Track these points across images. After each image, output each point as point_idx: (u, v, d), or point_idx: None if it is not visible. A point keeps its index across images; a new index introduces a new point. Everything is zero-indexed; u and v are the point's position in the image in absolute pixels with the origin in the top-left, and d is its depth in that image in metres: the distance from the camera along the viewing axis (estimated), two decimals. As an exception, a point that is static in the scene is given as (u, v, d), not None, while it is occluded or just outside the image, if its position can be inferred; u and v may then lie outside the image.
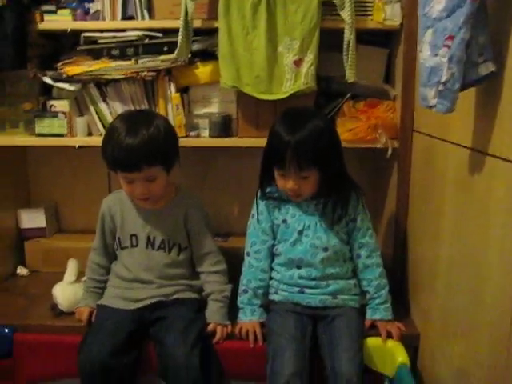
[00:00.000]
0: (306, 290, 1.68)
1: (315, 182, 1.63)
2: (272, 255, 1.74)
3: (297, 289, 1.69)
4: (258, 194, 1.74)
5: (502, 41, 1.13)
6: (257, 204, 1.74)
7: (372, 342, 1.65)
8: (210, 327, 1.68)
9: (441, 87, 1.18)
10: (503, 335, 1.13)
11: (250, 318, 1.71)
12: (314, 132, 1.57)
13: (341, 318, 1.64)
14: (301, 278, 1.68)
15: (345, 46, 1.79)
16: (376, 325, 1.68)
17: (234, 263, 1.81)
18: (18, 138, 2.04)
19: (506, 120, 1.12)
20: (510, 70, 1.11)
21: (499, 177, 1.15)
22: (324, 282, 1.68)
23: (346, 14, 1.76)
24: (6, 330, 1.75)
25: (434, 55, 1.20)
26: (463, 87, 1.17)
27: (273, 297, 1.73)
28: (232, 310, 1.75)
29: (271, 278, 1.74)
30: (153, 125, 1.64)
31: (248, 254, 1.75)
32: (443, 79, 1.16)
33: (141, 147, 1.59)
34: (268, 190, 1.72)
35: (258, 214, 1.73)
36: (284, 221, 1.70)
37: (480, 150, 1.24)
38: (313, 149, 1.56)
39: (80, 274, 1.87)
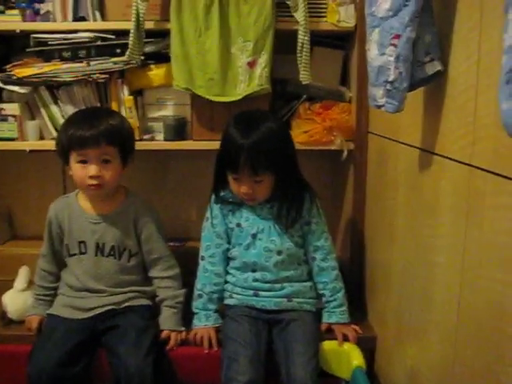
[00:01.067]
0: (261, 293, 1.66)
1: (269, 186, 1.61)
2: (227, 259, 1.72)
3: (251, 292, 1.67)
4: (212, 197, 1.72)
5: (446, 39, 1.13)
6: (211, 208, 1.72)
7: (328, 345, 1.63)
8: (164, 334, 1.65)
9: (389, 86, 1.18)
10: (450, 335, 1.13)
11: (204, 324, 1.68)
12: (267, 135, 1.55)
13: (296, 323, 1.62)
14: (255, 280, 1.66)
15: (299, 48, 1.78)
16: (332, 328, 1.67)
17: (190, 267, 1.78)
18: (-33, 142, 1.98)
19: (449, 119, 1.13)
20: (453, 68, 1.12)
21: (445, 176, 1.16)
22: (278, 284, 1.66)
23: (299, 15, 1.76)
24: (-49, 341, 1.69)
25: (381, 54, 1.19)
26: (412, 87, 1.18)
27: (228, 301, 1.71)
28: (187, 315, 1.72)
29: (226, 282, 1.72)
30: (115, 115, 1.72)
31: (202, 258, 1.72)
32: (391, 78, 1.16)
33: (102, 124, 1.61)
34: (222, 193, 1.70)
35: (212, 218, 1.71)
36: (238, 224, 1.68)
37: (428, 149, 1.24)
38: (266, 152, 1.55)
39: (31, 282, 1.82)
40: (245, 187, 1.59)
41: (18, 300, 1.78)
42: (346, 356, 1.61)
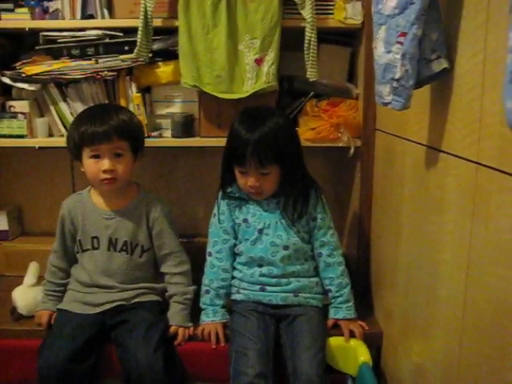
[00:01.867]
0: (267, 288, 1.68)
1: (276, 179, 1.62)
2: (234, 255, 1.73)
3: (258, 287, 1.68)
4: (220, 193, 1.73)
5: (452, 37, 1.13)
6: (218, 204, 1.73)
7: (334, 341, 1.64)
8: (172, 330, 1.67)
9: (395, 84, 1.18)
10: (455, 332, 1.13)
11: (212, 319, 1.69)
12: (274, 129, 1.57)
13: (302, 318, 1.63)
14: (262, 275, 1.68)
15: (306, 45, 1.78)
16: (339, 324, 1.68)
17: (199, 263, 1.80)
18: (-23, 139, 2.00)
19: (456, 117, 1.13)
20: (459, 66, 1.12)
21: (451, 173, 1.16)
22: (285, 279, 1.67)
23: (306, 12, 1.76)
24: (-36, 336, 1.71)
25: (387, 52, 1.20)
26: (418, 84, 1.18)
27: (235, 296, 1.72)
28: (195, 311, 1.74)
29: (233, 278, 1.73)
30: (124, 110, 1.74)
31: (210, 254, 1.73)
32: (397, 76, 1.17)
33: (113, 120, 1.64)
34: (229, 189, 1.71)
35: (219, 214, 1.72)
36: (245, 220, 1.69)
37: (434, 146, 1.25)
38: (273, 145, 1.56)
39: (41, 277, 1.84)
40: (252, 179, 1.60)
41: (27, 295, 1.79)
42: (353, 352, 1.62)
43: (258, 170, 1.58)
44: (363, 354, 1.59)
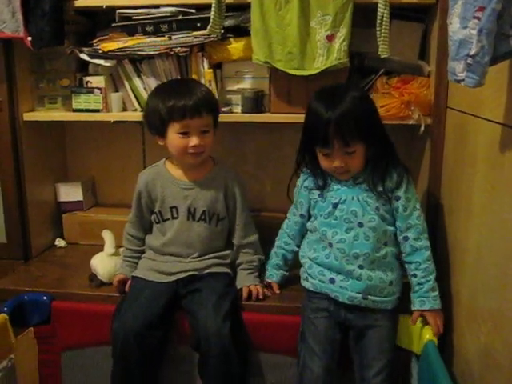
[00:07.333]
0: (336, 280, 1.63)
1: (362, 156, 1.59)
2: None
3: (328, 276, 1.65)
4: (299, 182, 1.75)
5: (534, 12, 1.10)
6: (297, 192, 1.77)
7: (400, 319, 1.65)
8: (244, 291, 1.74)
9: (469, 60, 1.15)
10: (527, 312, 1.12)
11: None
12: (354, 104, 1.54)
13: (371, 331, 1.61)
14: (335, 259, 1.63)
15: (378, 21, 1.76)
16: (424, 316, 1.60)
17: (265, 237, 1.87)
18: (56, 114, 2.10)
19: (536, 94, 1.10)
20: (541, 42, 1.08)
21: (528, 152, 1.13)
22: (357, 270, 1.61)
23: (379, -12, 1.74)
24: (45, 298, 1.82)
25: (463, 27, 1.17)
26: (494, 60, 1.15)
27: (304, 283, 1.72)
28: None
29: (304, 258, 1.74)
30: (202, 85, 1.83)
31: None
32: (472, 52, 1.14)
33: (200, 95, 1.70)
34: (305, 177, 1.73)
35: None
36: (320, 195, 1.68)
37: (511, 125, 1.22)
38: (355, 121, 1.53)
39: (117, 247, 1.93)
40: (337, 161, 1.57)
41: (108, 264, 1.87)
42: (417, 330, 1.61)
43: (342, 150, 1.55)
44: (428, 333, 1.58)
